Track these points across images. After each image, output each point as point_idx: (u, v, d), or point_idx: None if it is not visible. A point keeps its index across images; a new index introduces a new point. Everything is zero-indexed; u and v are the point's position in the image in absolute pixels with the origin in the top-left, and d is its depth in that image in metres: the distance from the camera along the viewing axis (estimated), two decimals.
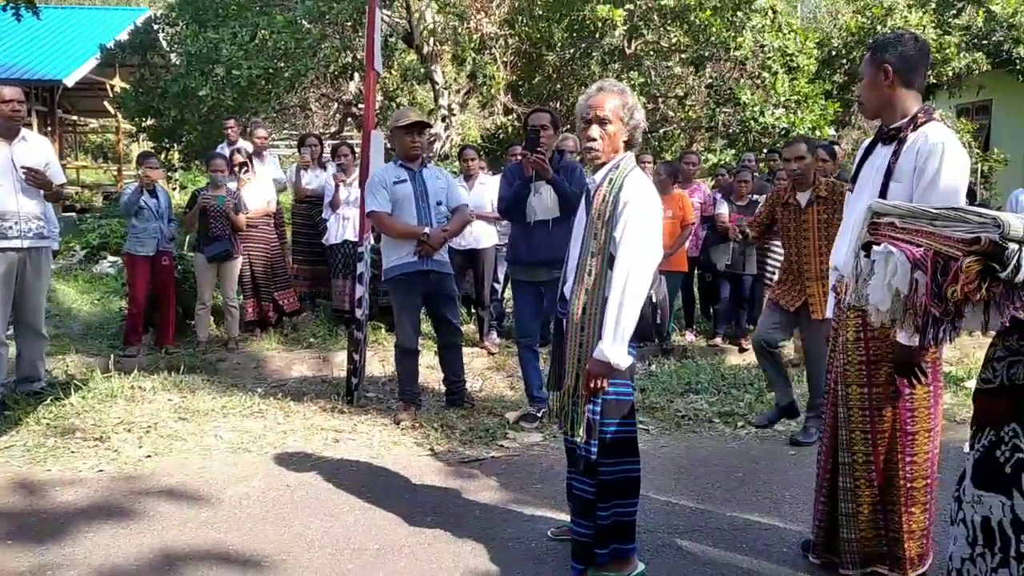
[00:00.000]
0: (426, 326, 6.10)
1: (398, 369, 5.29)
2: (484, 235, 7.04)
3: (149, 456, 4.51)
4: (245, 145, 7.79)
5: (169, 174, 12.90)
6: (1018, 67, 12.25)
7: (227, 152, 7.54)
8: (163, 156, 12.07)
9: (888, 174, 2.82)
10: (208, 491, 4.02)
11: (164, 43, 12.55)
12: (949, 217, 1.96)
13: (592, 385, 2.81)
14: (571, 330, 2.92)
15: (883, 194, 2.81)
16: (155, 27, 12.16)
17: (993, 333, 2.17)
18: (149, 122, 11.77)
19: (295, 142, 8.68)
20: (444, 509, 3.84)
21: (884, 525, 2.89)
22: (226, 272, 6.90)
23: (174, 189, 12.22)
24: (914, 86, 2.86)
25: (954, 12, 12.53)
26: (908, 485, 2.84)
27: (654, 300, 2.94)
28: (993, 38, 12.12)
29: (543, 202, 4.90)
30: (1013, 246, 1.81)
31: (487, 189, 6.96)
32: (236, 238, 6.91)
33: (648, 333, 3.01)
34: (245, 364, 6.60)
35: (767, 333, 4.84)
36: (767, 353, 4.88)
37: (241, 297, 7.20)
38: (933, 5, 12.71)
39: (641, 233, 2.80)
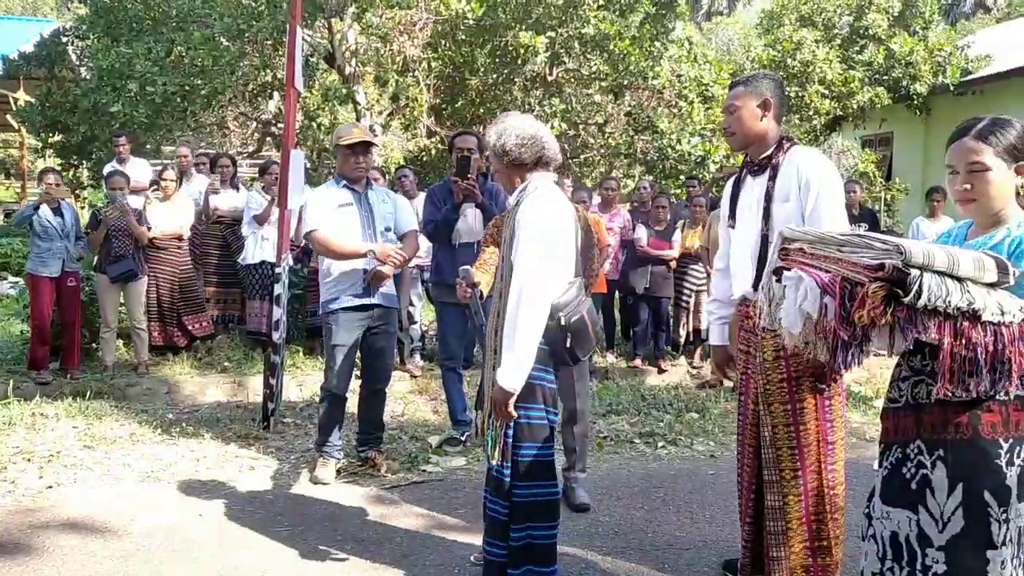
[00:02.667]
0: None
1: (321, 416, 4.61)
2: None
3: (50, 487, 4.30)
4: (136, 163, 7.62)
5: (77, 192, 12.39)
6: (915, 102, 12.94)
7: (118, 169, 7.35)
8: (71, 174, 11.60)
9: (769, 198, 2.97)
10: (115, 523, 3.85)
11: (73, 56, 12.09)
12: (855, 243, 2.03)
13: (498, 411, 2.79)
14: (487, 352, 2.93)
15: (767, 218, 2.96)
16: (63, 39, 11.71)
17: (898, 355, 2.24)
18: (56, 138, 11.31)
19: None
20: (364, 536, 3.77)
21: (813, 536, 2.93)
22: (131, 293, 6.66)
23: (82, 208, 11.74)
24: (781, 120, 3.08)
25: (857, 48, 13.17)
26: (831, 493, 2.91)
27: (563, 323, 2.85)
28: (893, 74, 12.78)
29: (468, 224, 4.91)
30: (915, 272, 1.89)
31: None
32: (140, 257, 6.68)
33: (561, 357, 2.94)
34: (156, 389, 6.36)
35: None
36: None
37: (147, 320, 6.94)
38: (838, 42, 13.34)
39: (532, 255, 2.75)
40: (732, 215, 3.18)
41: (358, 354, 4.61)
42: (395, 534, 3.82)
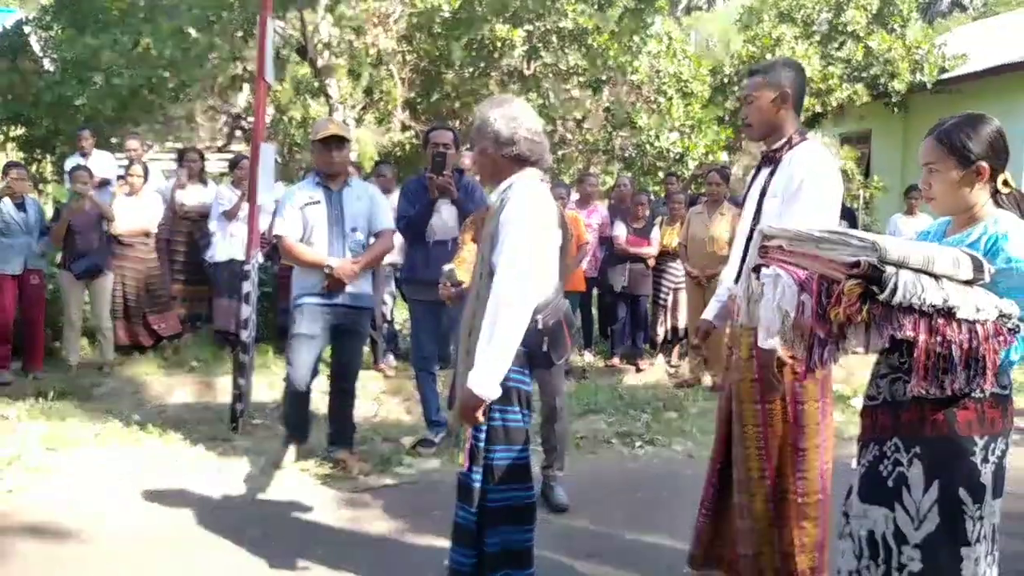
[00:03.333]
0: None
1: (284, 407, 4.75)
2: None
3: (11, 491, 4.18)
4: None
5: (40, 187, 12.15)
6: (893, 100, 13.01)
7: (82, 164, 7.19)
8: (34, 168, 11.37)
9: (763, 193, 2.94)
10: (79, 527, 3.75)
11: (36, 47, 11.85)
12: (832, 241, 2.03)
13: (464, 415, 2.65)
14: (461, 352, 2.83)
15: (758, 212, 2.93)
16: (26, 30, 11.47)
17: (876, 352, 2.24)
18: (18, 131, 11.09)
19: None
20: (335, 541, 3.70)
21: (779, 539, 2.92)
22: (97, 290, 6.51)
23: (45, 203, 11.53)
24: (799, 110, 3.02)
25: (836, 46, 13.20)
26: (800, 500, 2.89)
27: (540, 326, 2.72)
28: (871, 71, 12.84)
29: (443, 221, 4.84)
30: (890, 269, 1.89)
31: None
32: (106, 253, 6.51)
33: (538, 360, 2.80)
34: (122, 389, 6.21)
35: None
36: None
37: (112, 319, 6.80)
38: (818, 38, 13.37)
39: (516, 255, 2.60)
40: (742, 205, 3.18)
41: (328, 353, 4.59)
42: (367, 537, 3.76)
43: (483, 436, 2.76)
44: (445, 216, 4.82)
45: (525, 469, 2.88)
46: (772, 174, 2.94)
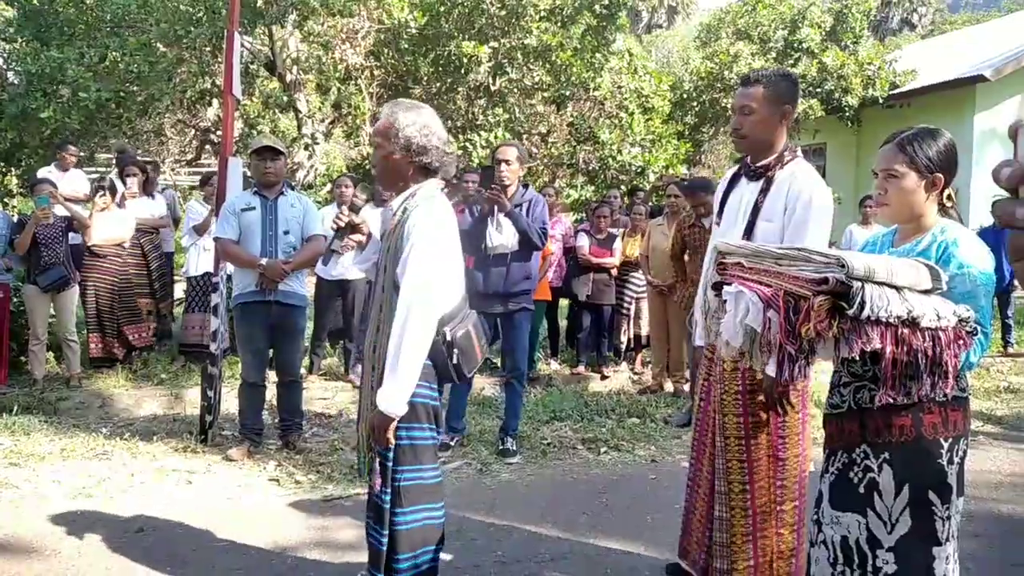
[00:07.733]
0: None
1: (239, 401, 5.12)
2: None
3: None
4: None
5: (5, 200, 11.98)
6: (847, 114, 13.35)
7: (53, 176, 7.13)
8: None
9: (756, 211, 2.88)
10: (42, 543, 3.71)
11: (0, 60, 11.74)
12: (794, 257, 2.04)
13: (376, 436, 2.60)
14: (365, 369, 2.75)
15: (750, 231, 2.89)
16: None
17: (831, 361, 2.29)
18: None
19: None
20: (305, 551, 3.71)
21: (755, 549, 2.93)
22: (62, 303, 6.45)
23: (13, 216, 11.35)
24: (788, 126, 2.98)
25: (792, 62, 13.54)
26: (778, 509, 2.90)
27: (448, 338, 2.65)
28: (825, 87, 13.18)
29: (503, 235, 4.91)
30: (857, 284, 1.92)
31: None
32: (71, 265, 6.47)
33: (445, 373, 2.71)
34: (89, 403, 6.17)
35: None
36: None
37: (85, 331, 6.73)
38: (773, 55, 13.69)
39: (423, 268, 2.55)
40: (720, 213, 3.08)
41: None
42: (337, 548, 3.76)
43: (391, 455, 2.67)
44: (506, 229, 4.90)
45: (436, 488, 2.79)
46: (764, 192, 2.87)
